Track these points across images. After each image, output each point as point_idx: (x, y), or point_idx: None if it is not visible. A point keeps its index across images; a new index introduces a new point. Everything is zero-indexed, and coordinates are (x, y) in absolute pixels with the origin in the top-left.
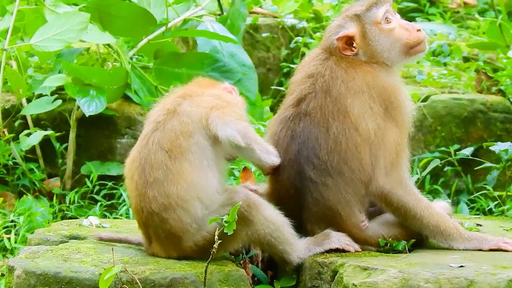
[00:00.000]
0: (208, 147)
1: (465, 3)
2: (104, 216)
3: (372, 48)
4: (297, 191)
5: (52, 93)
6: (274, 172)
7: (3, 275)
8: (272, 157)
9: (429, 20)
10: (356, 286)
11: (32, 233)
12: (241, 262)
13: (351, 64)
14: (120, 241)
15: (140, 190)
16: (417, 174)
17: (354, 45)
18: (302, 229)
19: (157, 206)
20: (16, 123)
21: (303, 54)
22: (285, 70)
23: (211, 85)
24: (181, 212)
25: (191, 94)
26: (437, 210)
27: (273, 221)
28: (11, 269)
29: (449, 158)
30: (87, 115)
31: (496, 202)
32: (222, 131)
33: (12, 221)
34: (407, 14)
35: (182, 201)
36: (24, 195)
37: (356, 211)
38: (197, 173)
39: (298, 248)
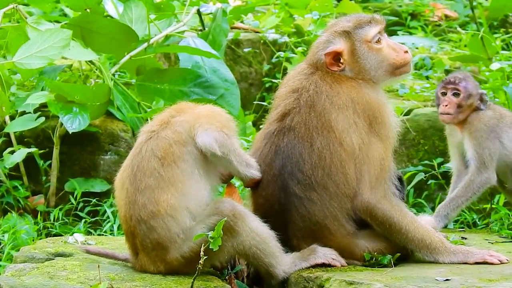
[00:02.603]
0: (200, 157)
1: (446, 16)
2: (89, 233)
3: (359, 65)
4: (282, 206)
5: (35, 111)
6: (254, 186)
7: None
8: (251, 170)
9: (411, 33)
10: None
11: (17, 250)
12: (227, 277)
13: (336, 80)
14: (107, 255)
15: (130, 197)
16: None
17: (341, 61)
18: (287, 245)
19: (146, 214)
20: (0, 141)
21: (285, 69)
22: (267, 85)
23: (202, 104)
24: (170, 221)
25: (185, 108)
26: (422, 224)
27: (259, 232)
28: None
29: (433, 172)
30: (70, 132)
31: (480, 215)
32: (200, 138)
33: None
34: (388, 28)
35: (171, 209)
36: (9, 213)
37: (345, 223)
38: (188, 182)
39: (284, 262)
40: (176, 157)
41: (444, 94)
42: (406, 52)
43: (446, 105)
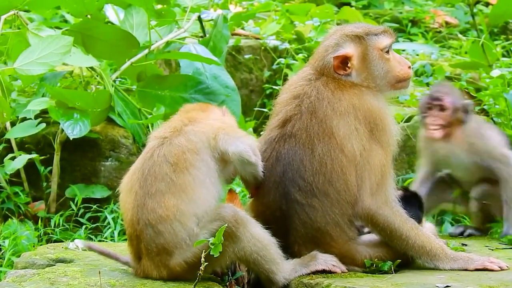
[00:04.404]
0: (214, 166)
1: (447, 23)
2: (89, 239)
3: (368, 71)
4: (283, 213)
5: (36, 117)
6: (258, 193)
7: None
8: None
9: (411, 40)
10: None
11: (18, 256)
12: (227, 284)
13: (339, 86)
14: (109, 255)
15: (139, 200)
16: None
17: (349, 65)
18: (288, 251)
19: (155, 218)
20: (0, 147)
21: (286, 75)
22: (268, 91)
23: (211, 109)
24: (177, 226)
25: (196, 118)
26: (423, 230)
27: (260, 239)
28: None
29: None
30: (71, 138)
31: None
32: (234, 146)
33: None
34: None
35: (180, 214)
36: (9, 219)
37: (346, 229)
38: (200, 189)
39: (284, 268)
40: (189, 164)
41: (429, 109)
42: (410, 67)
43: (434, 122)
